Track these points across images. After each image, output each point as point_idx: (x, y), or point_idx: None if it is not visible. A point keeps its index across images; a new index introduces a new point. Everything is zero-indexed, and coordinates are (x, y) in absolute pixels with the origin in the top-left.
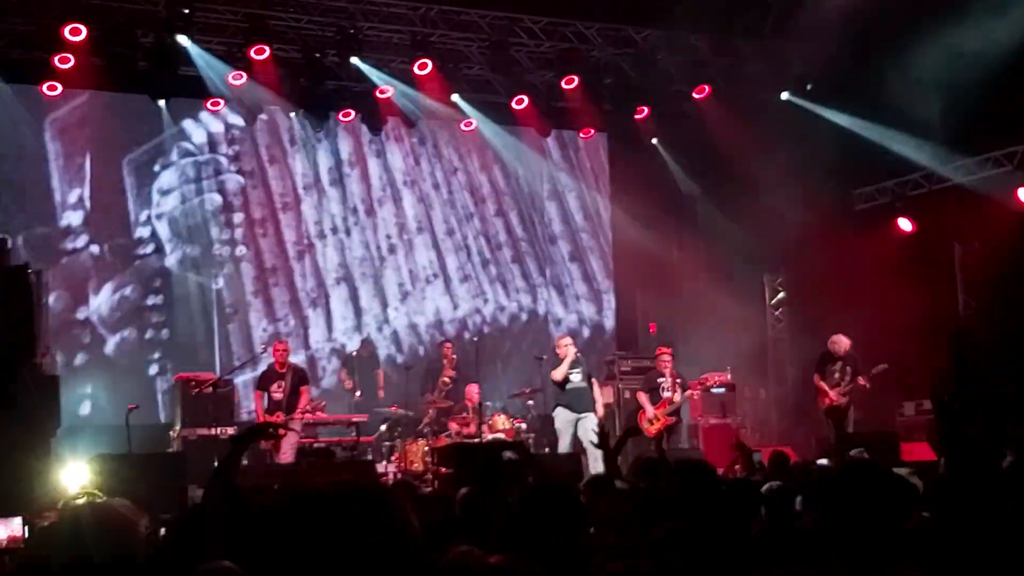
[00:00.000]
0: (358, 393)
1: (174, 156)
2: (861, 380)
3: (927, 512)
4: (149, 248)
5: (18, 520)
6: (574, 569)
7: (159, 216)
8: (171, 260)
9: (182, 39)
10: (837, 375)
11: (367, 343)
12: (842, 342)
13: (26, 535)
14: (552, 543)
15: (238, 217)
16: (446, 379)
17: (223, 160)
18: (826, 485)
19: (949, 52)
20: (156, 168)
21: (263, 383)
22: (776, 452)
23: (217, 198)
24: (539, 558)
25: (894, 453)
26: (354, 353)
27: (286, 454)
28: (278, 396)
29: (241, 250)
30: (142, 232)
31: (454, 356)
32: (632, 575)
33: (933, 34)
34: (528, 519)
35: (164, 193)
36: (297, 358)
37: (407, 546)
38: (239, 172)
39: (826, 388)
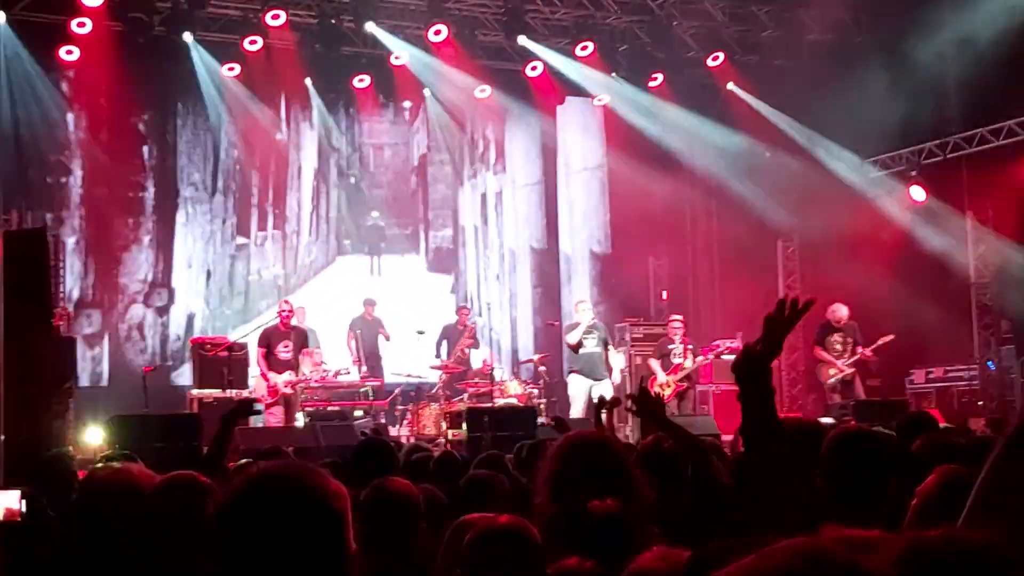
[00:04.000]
0: (363, 368)
1: (189, 120)
2: (866, 352)
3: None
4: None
5: (15, 493)
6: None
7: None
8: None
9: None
10: (839, 346)
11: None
12: (841, 311)
13: (23, 509)
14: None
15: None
16: (465, 345)
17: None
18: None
19: (965, 20)
20: (170, 132)
21: (267, 341)
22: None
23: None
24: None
25: None
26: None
27: (294, 420)
28: (286, 356)
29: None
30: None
31: (472, 324)
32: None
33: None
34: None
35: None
36: None
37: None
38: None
39: (831, 359)
